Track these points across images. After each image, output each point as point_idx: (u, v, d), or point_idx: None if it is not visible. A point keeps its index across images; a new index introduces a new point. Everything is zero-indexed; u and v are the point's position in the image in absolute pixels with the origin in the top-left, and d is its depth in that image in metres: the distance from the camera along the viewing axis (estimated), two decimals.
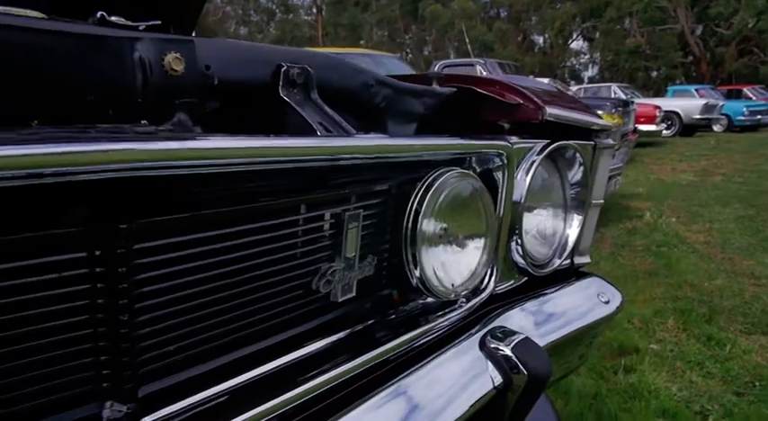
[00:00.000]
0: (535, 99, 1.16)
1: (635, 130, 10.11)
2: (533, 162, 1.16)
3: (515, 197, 1.13)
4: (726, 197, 5.96)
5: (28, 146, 0.41)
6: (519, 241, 1.16)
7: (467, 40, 9.12)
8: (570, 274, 1.37)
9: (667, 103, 14.80)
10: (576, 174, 1.29)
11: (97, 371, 0.54)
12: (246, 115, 0.81)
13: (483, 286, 1.05)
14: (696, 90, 17.76)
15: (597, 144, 1.32)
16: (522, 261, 1.18)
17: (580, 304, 1.25)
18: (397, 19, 37.79)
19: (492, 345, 0.97)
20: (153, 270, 0.55)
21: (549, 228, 1.28)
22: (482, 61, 9.28)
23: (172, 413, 0.59)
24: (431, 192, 0.86)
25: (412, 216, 0.85)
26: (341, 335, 0.83)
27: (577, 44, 38.64)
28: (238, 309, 0.66)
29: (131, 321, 0.54)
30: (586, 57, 39.26)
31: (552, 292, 1.25)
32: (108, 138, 0.46)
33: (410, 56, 41.08)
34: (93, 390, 0.54)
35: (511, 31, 37.09)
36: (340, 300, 0.79)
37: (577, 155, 1.25)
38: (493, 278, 1.06)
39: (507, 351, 0.96)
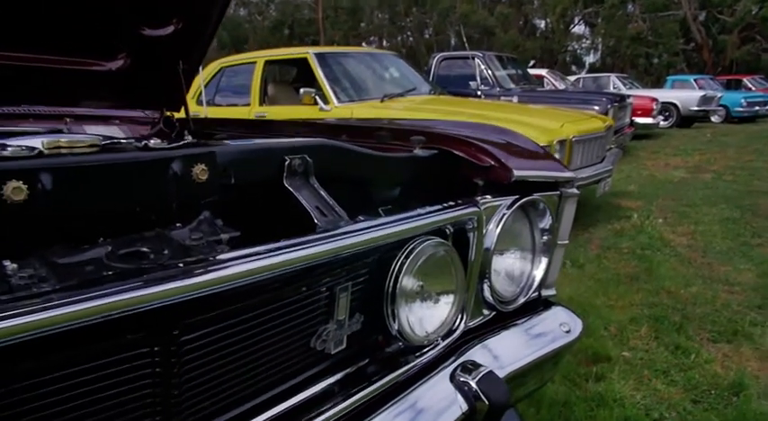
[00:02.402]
0: (505, 162, 1.35)
1: (631, 123, 10.28)
2: (503, 215, 1.35)
3: (486, 245, 1.32)
4: (714, 197, 6.14)
5: (104, 296, 0.60)
6: (488, 283, 1.35)
7: (464, 39, 9.16)
8: (538, 305, 1.57)
9: (665, 95, 14.86)
10: (543, 221, 1.47)
11: None
12: (256, 203, 1.00)
13: (454, 327, 1.25)
14: (695, 80, 17.84)
15: (563, 193, 1.50)
16: (492, 299, 1.37)
17: (542, 335, 1.45)
18: (398, 2, 37.55)
19: (461, 379, 1.18)
20: (195, 353, 0.74)
21: (518, 269, 1.47)
22: (480, 54, 9.31)
23: None
24: (409, 260, 1.05)
25: (392, 279, 1.04)
26: (337, 377, 1.03)
27: (579, 29, 38.44)
28: (255, 370, 0.86)
29: (179, 390, 0.74)
30: (588, 42, 39.08)
31: (518, 325, 1.44)
32: (155, 280, 0.65)
33: (411, 39, 40.91)
34: None
35: (512, 15, 36.88)
36: (333, 352, 0.99)
37: (542, 205, 1.44)
38: (463, 321, 1.26)
39: (473, 384, 1.16)
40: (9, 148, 0.74)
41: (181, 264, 0.68)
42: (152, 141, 0.89)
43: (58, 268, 0.69)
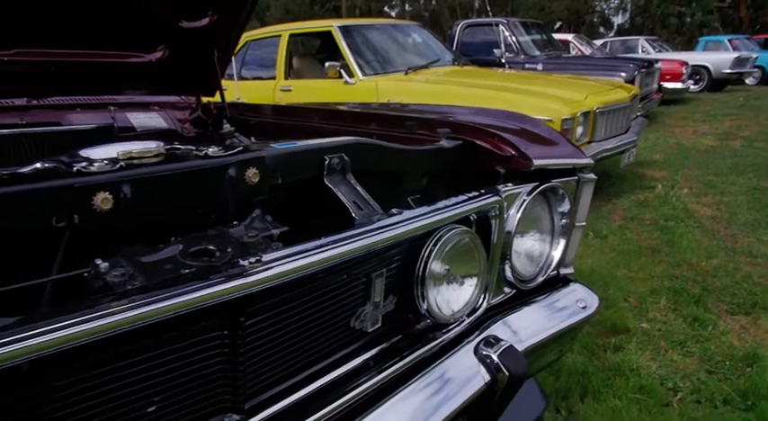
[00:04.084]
0: (525, 151, 1.44)
1: (659, 89, 10.08)
2: (524, 201, 1.45)
3: (507, 228, 1.43)
4: (742, 165, 6.08)
5: (189, 292, 0.73)
6: (509, 264, 1.46)
7: (488, 7, 9.01)
8: (556, 283, 1.67)
9: (696, 58, 14.45)
10: (561, 205, 1.57)
11: (223, 395, 0.88)
12: (300, 199, 1.12)
13: (478, 306, 1.37)
14: (729, 41, 17.24)
15: (580, 179, 1.59)
16: (512, 278, 1.48)
17: (560, 311, 1.56)
18: None
19: (483, 352, 1.30)
20: (256, 334, 0.88)
21: (537, 250, 1.57)
22: (504, 21, 9.18)
23: (266, 416, 0.93)
24: (437, 247, 1.16)
25: (422, 265, 1.16)
26: (373, 352, 1.16)
27: None
28: (304, 347, 0.99)
29: (244, 365, 0.87)
30: (616, 2, 37.82)
31: (537, 301, 1.55)
32: (226, 277, 0.77)
33: (434, 2, 40.10)
34: (221, 407, 0.88)
35: None
36: (369, 330, 1.12)
37: (561, 191, 1.53)
38: (486, 300, 1.37)
39: (494, 357, 1.28)
40: (95, 164, 0.86)
41: (245, 263, 0.80)
42: (210, 149, 1.01)
43: (142, 266, 0.82)
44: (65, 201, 0.81)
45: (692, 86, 13.55)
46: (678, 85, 11.66)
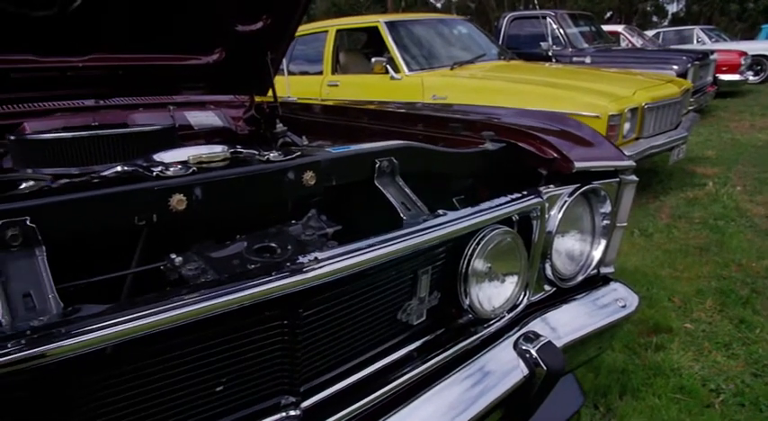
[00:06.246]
0: (567, 154, 1.48)
1: (714, 81, 9.73)
2: (565, 202, 1.49)
3: (548, 228, 1.47)
4: None
5: (256, 286, 0.81)
6: (550, 262, 1.51)
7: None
8: (596, 281, 1.71)
9: (755, 47, 13.78)
10: (603, 206, 1.60)
11: (282, 379, 0.97)
12: (352, 200, 1.20)
13: (518, 302, 1.42)
14: None
15: (622, 180, 1.61)
16: (552, 277, 1.53)
17: (599, 309, 1.60)
18: None
19: (522, 347, 1.36)
20: (313, 324, 0.96)
21: (577, 249, 1.61)
22: (552, 13, 9.03)
23: (318, 400, 1.02)
24: (480, 246, 1.23)
25: (465, 263, 1.23)
26: (417, 344, 1.24)
27: None
28: (355, 337, 1.07)
29: (301, 352, 0.96)
30: None
31: (577, 299, 1.59)
32: (288, 272, 0.86)
33: None
34: (279, 389, 0.98)
35: None
36: (414, 323, 1.19)
37: (602, 192, 1.56)
38: (526, 297, 1.43)
39: (533, 352, 1.34)
40: (171, 169, 0.96)
41: (304, 260, 0.88)
42: (272, 154, 1.10)
43: (212, 261, 0.92)
44: (146, 202, 0.92)
45: (750, 78, 12.98)
46: (735, 77, 11.21)
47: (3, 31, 1.49)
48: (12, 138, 1.51)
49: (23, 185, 1.12)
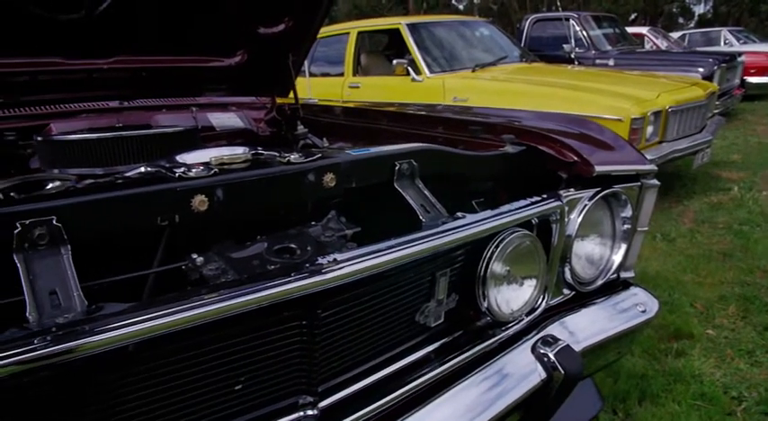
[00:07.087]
0: (588, 158, 1.47)
1: (742, 84, 9.54)
2: (585, 206, 1.48)
3: (568, 232, 1.46)
4: None
5: (277, 286, 0.83)
6: (569, 266, 1.50)
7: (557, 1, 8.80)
8: (616, 286, 1.69)
9: None
10: (624, 211, 1.58)
11: (300, 378, 0.98)
12: (372, 201, 1.21)
13: (537, 306, 1.42)
14: None
15: (643, 185, 1.60)
16: (572, 280, 1.52)
17: (618, 314, 1.58)
18: None
19: (540, 351, 1.35)
20: (331, 324, 0.97)
21: (597, 254, 1.60)
22: (575, 15, 8.94)
23: (336, 400, 1.03)
24: (499, 249, 1.22)
25: (484, 265, 1.23)
26: (435, 346, 1.24)
27: None
28: (373, 338, 1.08)
29: (319, 352, 0.97)
30: None
31: (596, 304, 1.58)
32: (308, 273, 0.87)
33: None
34: (297, 389, 0.99)
35: None
36: (432, 325, 1.20)
37: (624, 196, 1.55)
38: (545, 301, 1.42)
39: (551, 356, 1.33)
40: (193, 170, 0.98)
41: (323, 262, 0.89)
42: (292, 156, 1.11)
43: (233, 262, 0.94)
44: (169, 203, 0.93)
45: None
46: (764, 80, 10.98)
47: (32, 35, 1.53)
48: (39, 139, 1.55)
49: (50, 185, 1.15)
